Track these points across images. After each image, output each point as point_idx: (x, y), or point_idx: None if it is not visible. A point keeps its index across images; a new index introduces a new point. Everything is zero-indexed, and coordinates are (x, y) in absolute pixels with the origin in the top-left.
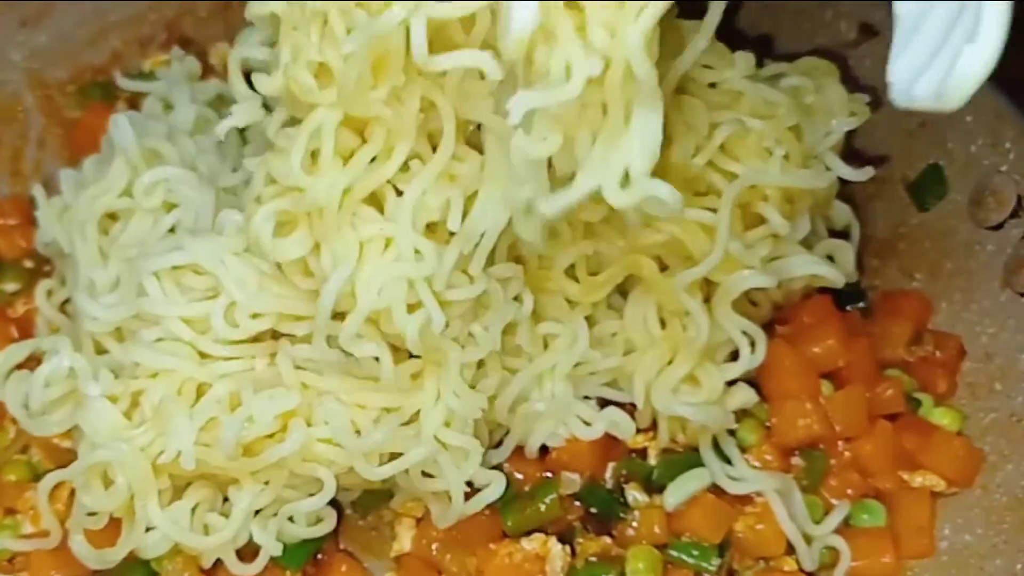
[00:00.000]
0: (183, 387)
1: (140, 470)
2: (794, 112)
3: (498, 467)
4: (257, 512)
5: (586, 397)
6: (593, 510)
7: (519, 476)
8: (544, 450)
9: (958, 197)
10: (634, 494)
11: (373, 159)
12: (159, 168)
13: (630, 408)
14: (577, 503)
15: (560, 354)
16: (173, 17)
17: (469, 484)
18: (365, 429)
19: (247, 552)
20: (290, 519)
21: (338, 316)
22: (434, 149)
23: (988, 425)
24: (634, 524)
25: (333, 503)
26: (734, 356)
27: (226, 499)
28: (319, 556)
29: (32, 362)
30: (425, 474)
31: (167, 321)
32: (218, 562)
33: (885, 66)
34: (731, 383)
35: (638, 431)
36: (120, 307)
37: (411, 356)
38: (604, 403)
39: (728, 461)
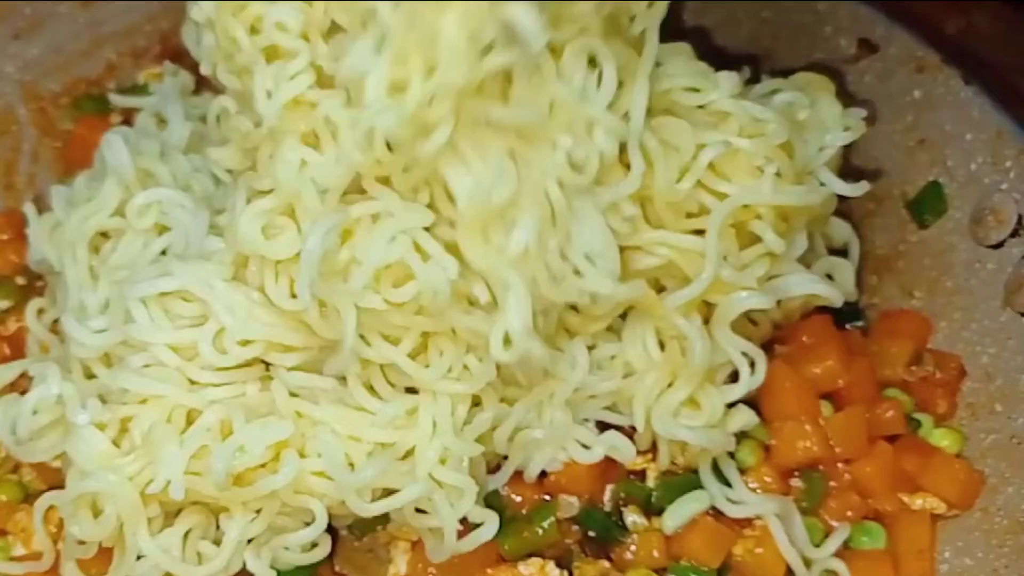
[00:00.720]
0: (172, 414)
1: (129, 500)
2: (784, 129)
3: (495, 492)
4: (250, 540)
5: (584, 420)
6: (591, 533)
7: (516, 499)
8: (542, 472)
9: (958, 215)
10: (633, 517)
11: None
12: (153, 190)
13: (628, 430)
14: (575, 526)
15: (559, 382)
16: (168, 29)
17: (463, 519)
18: (359, 463)
19: None
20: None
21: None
22: None
23: (988, 447)
24: (632, 547)
25: (328, 526)
26: (734, 377)
27: (219, 524)
28: None
29: (24, 379)
30: (419, 510)
31: (153, 348)
32: None
33: (885, 82)
34: (731, 405)
35: (637, 453)
36: (108, 333)
37: (408, 391)
38: (603, 425)
39: (727, 483)
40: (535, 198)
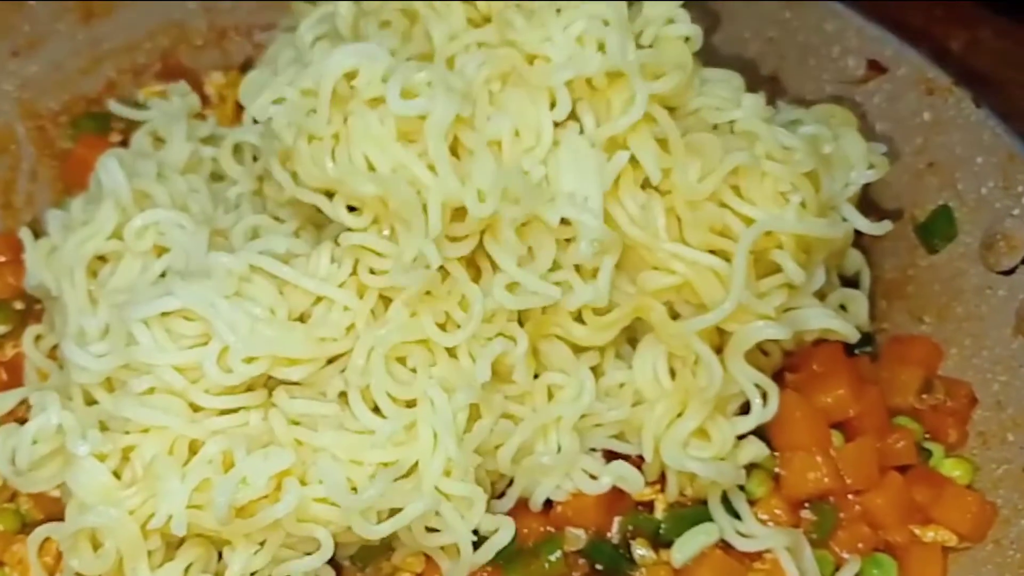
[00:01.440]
0: (175, 445)
1: (130, 534)
2: (810, 158)
3: None
4: (253, 574)
5: (592, 449)
6: (599, 567)
7: (523, 531)
8: (548, 504)
9: (968, 240)
10: (641, 550)
11: None
12: (150, 211)
13: (636, 460)
14: (582, 560)
15: (565, 406)
16: (168, 46)
17: (475, 532)
18: (362, 486)
19: None
20: None
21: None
22: None
23: (1000, 477)
24: None
25: (330, 558)
26: (744, 408)
27: (222, 556)
28: None
29: (23, 407)
30: (429, 529)
31: (158, 370)
32: None
33: (894, 104)
34: (741, 436)
35: (645, 483)
36: (109, 357)
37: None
38: (610, 454)
39: (737, 515)
40: None
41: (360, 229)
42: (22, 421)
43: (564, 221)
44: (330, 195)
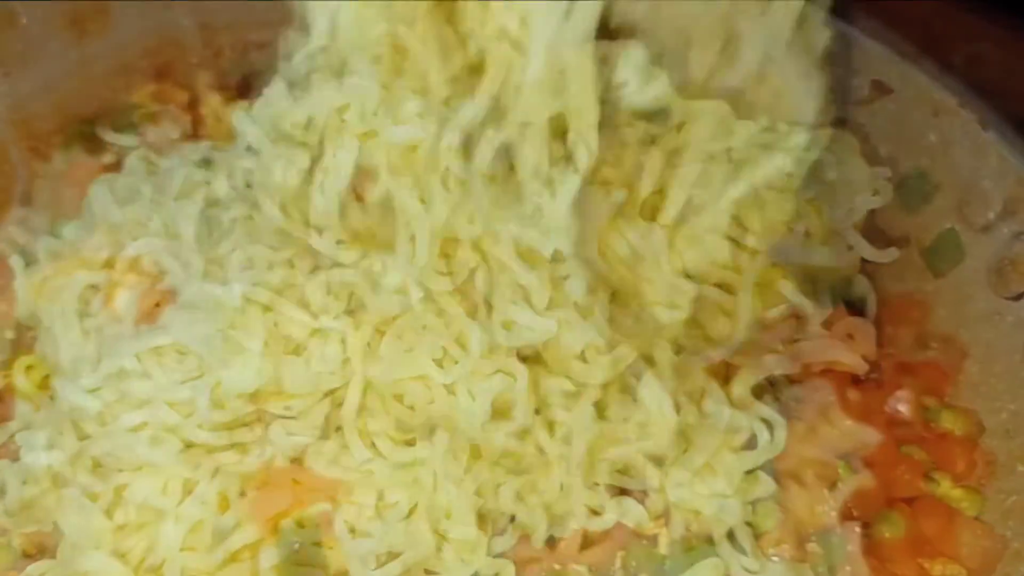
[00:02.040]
0: (168, 484)
1: None
2: (812, 185)
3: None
4: None
5: (595, 484)
6: None
7: (525, 569)
8: (550, 539)
9: (976, 264)
10: None
11: None
12: (143, 240)
13: (639, 494)
14: None
15: (568, 442)
16: (163, 65)
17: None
18: (360, 529)
19: None
20: None
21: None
22: None
23: (1010, 508)
24: None
25: None
26: (751, 442)
27: None
28: None
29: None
30: (428, 571)
31: (151, 405)
32: None
33: (900, 125)
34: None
35: (649, 519)
36: (101, 392)
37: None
38: (613, 489)
39: (743, 551)
40: None
41: (351, 264)
42: (13, 455)
43: (557, 256)
44: (320, 230)
